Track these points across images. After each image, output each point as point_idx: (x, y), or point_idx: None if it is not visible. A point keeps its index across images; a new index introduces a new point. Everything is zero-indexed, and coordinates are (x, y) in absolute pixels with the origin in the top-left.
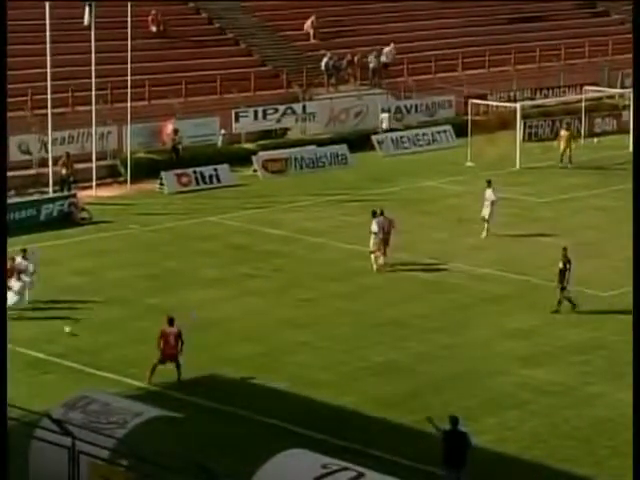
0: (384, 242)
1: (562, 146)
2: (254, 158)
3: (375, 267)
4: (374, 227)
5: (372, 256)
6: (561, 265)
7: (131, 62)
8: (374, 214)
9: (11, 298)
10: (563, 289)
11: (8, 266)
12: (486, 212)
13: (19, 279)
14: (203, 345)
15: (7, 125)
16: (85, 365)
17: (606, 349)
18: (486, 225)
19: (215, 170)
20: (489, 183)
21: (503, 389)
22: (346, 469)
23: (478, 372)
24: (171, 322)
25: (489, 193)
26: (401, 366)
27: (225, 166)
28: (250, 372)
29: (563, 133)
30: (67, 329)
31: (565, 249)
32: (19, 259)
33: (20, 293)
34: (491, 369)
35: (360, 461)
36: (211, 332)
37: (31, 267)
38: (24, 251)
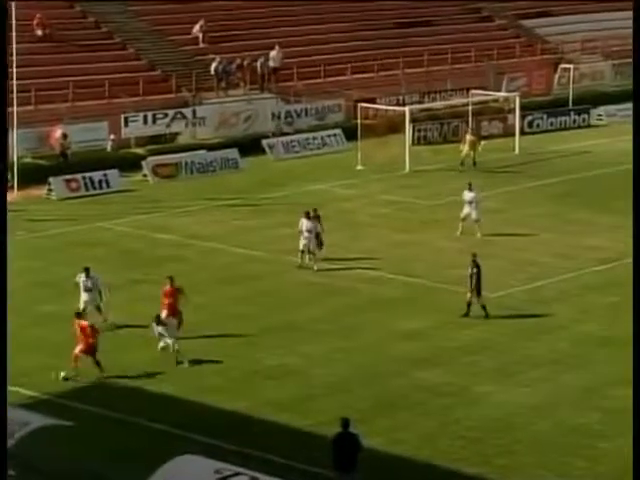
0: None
1: (466, 149)
2: (144, 163)
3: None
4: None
5: (313, 257)
6: (470, 270)
7: (16, 66)
8: (308, 215)
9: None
10: (478, 294)
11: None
12: (474, 213)
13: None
14: None
15: (7, 125)
16: None
17: (494, 350)
18: (477, 226)
19: (105, 175)
20: (470, 185)
21: (395, 391)
22: (239, 474)
23: (371, 374)
24: (78, 316)
25: (470, 195)
26: (294, 369)
27: (115, 171)
28: (140, 378)
29: (468, 137)
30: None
31: (475, 255)
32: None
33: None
34: (384, 371)
35: (253, 465)
36: (101, 339)
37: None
38: (87, 270)
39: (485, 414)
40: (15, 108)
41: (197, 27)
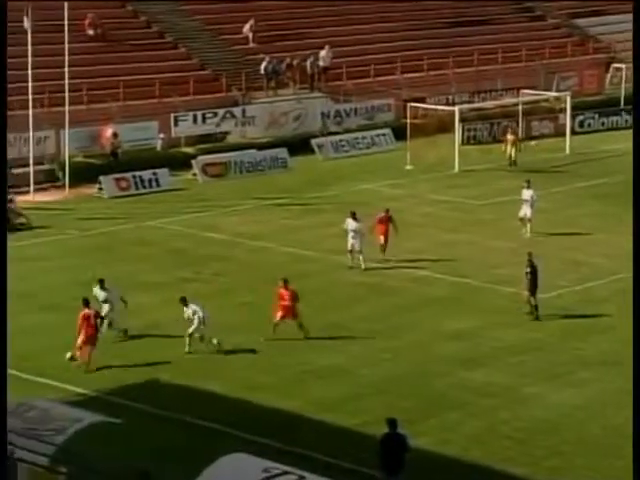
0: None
1: (508, 149)
2: (194, 162)
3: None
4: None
5: (361, 256)
6: (528, 269)
7: (68, 66)
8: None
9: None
10: (532, 294)
11: None
12: (528, 212)
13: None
14: (142, 349)
15: (6, 125)
16: (22, 371)
17: (543, 350)
18: (529, 225)
19: (154, 174)
20: (528, 183)
21: (443, 391)
22: (287, 473)
23: (418, 374)
24: (86, 304)
25: (528, 193)
26: (342, 369)
27: (164, 170)
28: (190, 376)
29: (509, 137)
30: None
31: (530, 254)
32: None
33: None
34: (431, 371)
35: (302, 464)
36: (150, 336)
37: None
38: (101, 282)
39: (534, 415)
40: (67, 107)
41: (247, 27)
